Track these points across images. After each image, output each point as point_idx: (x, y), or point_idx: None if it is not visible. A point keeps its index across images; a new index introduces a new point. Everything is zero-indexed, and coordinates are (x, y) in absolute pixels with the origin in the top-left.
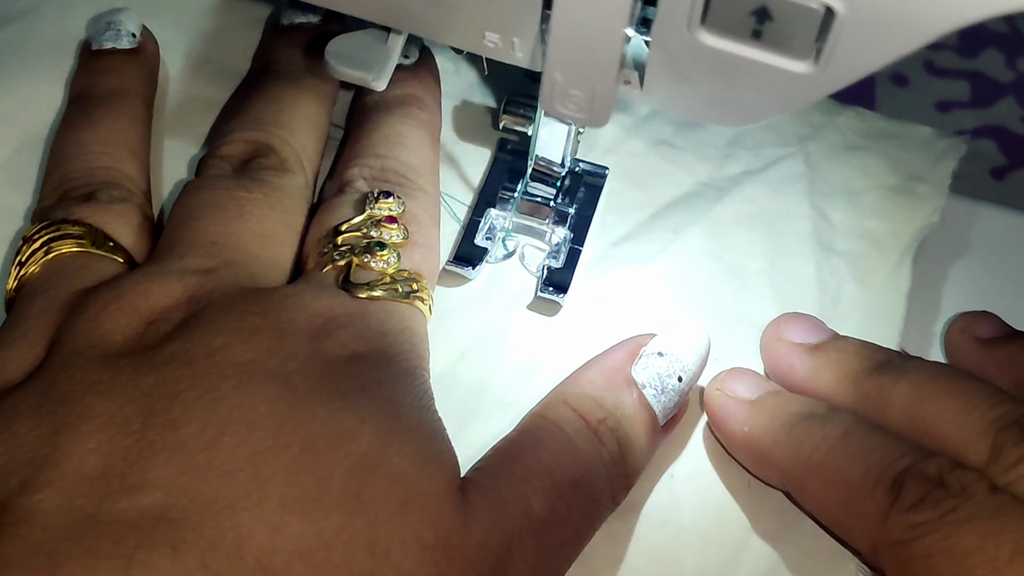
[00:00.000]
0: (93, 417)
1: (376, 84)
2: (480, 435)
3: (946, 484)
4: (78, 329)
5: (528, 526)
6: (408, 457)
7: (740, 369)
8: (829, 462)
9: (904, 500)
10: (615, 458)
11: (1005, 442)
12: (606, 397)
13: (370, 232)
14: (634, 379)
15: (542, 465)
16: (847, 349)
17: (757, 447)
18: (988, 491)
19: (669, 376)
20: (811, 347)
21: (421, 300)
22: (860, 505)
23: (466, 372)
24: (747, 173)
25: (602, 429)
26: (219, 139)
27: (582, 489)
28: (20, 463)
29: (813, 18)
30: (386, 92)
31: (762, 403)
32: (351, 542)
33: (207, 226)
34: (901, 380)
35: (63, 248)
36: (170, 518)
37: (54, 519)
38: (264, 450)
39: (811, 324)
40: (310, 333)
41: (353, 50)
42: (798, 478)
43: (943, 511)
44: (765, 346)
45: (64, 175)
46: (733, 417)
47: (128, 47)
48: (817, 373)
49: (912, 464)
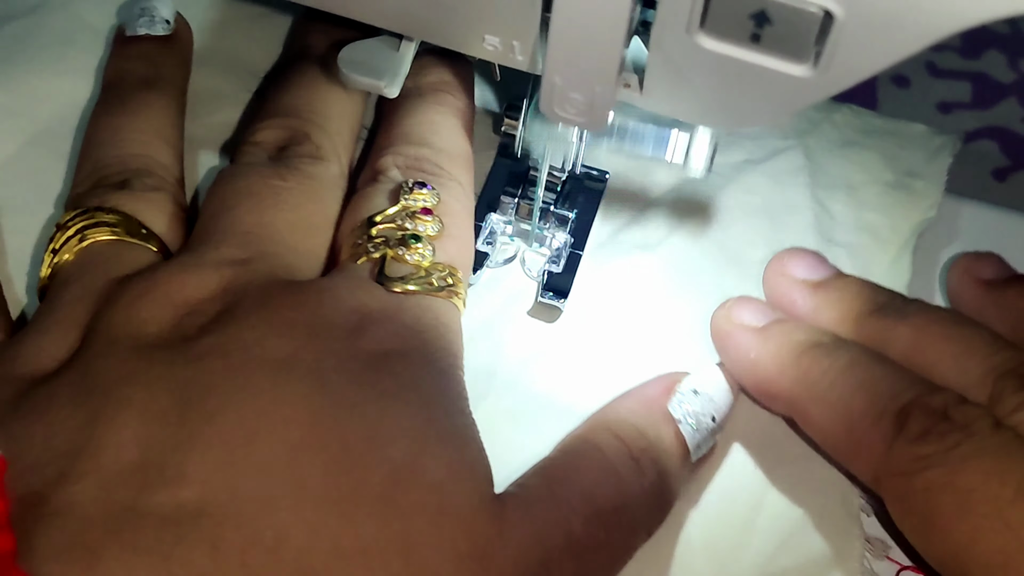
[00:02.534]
0: (129, 407)
1: (388, 91)
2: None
3: (951, 418)
4: (113, 319)
5: (567, 548)
6: (443, 467)
7: (747, 297)
8: (834, 391)
9: (909, 432)
10: (655, 488)
11: (1004, 389)
12: (647, 428)
13: (405, 224)
14: (671, 414)
15: (583, 489)
16: (849, 288)
17: (763, 374)
18: (993, 428)
19: (704, 415)
20: (814, 284)
21: (456, 294)
22: (864, 435)
23: (480, 335)
24: (749, 162)
25: (644, 459)
26: (254, 125)
27: (622, 516)
28: (56, 453)
29: (812, 21)
30: (419, 79)
31: (768, 331)
32: (388, 547)
33: (242, 215)
34: (901, 323)
35: (98, 236)
36: (209, 513)
37: (91, 511)
38: (301, 447)
39: (815, 260)
40: (346, 329)
41: (365, 57)
42: (803, 406)
43: (948, 445)
44: (768, 280)
45: (98, 162)
46: (739, 344)
47: (162, 33)
48: (818, 311)
49: (918, 396)
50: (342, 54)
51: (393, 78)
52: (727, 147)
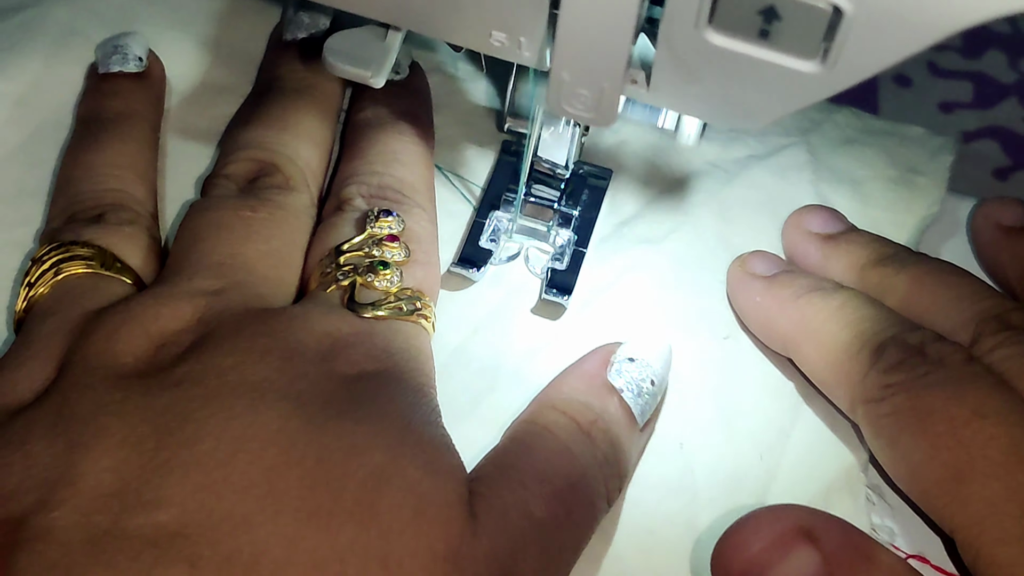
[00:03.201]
0: (107, 436)
1: (374, 81)
2: (494, 410)
3: (925, 353)
4: (89, 350)
5: (531, 531)
6: (420, 469)
7: (762, 251)
8: (825, 328)
9: (883, 363)
10: (609, 459)
11: (983, 331)
12: (592, 401)
13: (372, 251)
14: (612, 384)
15: (538, 470)
16: (858, 241)
17: (766, 315)
18: (962, 361)
19: (643, 380)
20: (826, 236)
21: (425, 318)
22: (845, 366)
23: (478, 347)
24: (753, 158)
25: (594, 430)
26: (224, 158)
27: (579, 492)
28: (36, 481)
29: (821, 18)
30: (379, 109)
31: (776, 278)
32: (364, 554)
33: (214, 247)
34: (901, 272)
35: (73, 269)
36: (186, 534)
37: (71, 535)
38: (278, 465)
39: (830, 215)
40: (319, 353)
41: (352, 47)
42: (797, 343)
43: (916, 375)
44: (786, 233)
45: (73, 197)
46: (748, 288)
47: (135, 71)
48: (828, 262)
49: (897, 333)
50: (328, 43)
51: (379, 68)
52: (731, 143)
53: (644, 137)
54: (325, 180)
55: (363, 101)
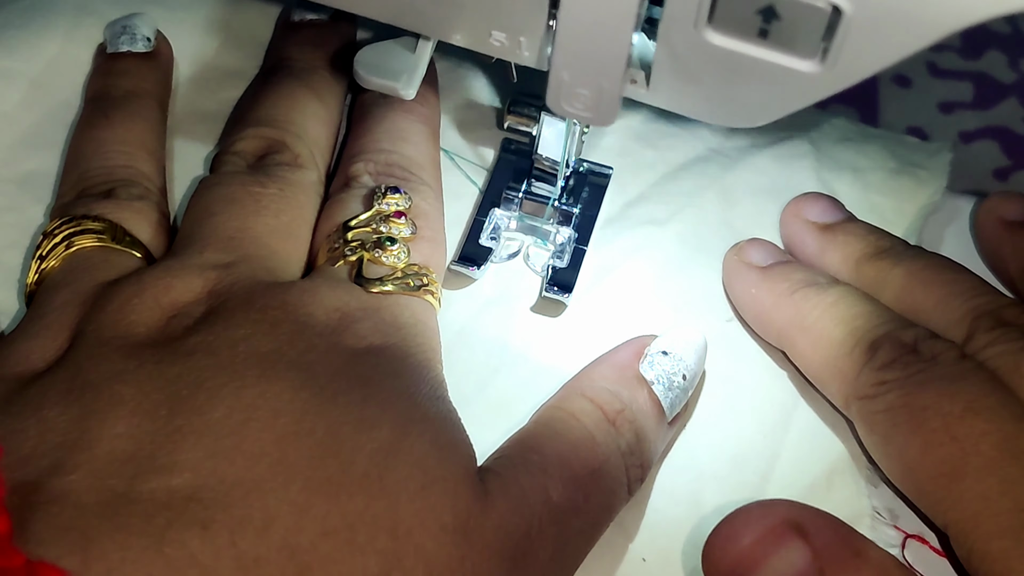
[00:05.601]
0: (121, 403)
1: (405, 93)
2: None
3: (918, 350)
4: (102, 321)
5: (547, 514)
6: (427, 444)
7: (758, 240)
8: (819, 324)
9: (877, 360)
10: (632, 449)
11: (978, 328)
12: (621, 391)
13: (379, 227)
14: (643, 376)
15: (560, 455)
16: (855, 232)
17: (760, 307)
18: (955, 359)
19: (675, 374)
20: (823, 226)
21: (431, 293)
22: (839, 363)
23: (484, 329)
24: (755, 146)
25: (620, 420)
26: (233, 136)
27: (600, 479)
28: (50, 446)
29: (820, 17)
30: None
31: (771, 270)
32: (374, 523)
33: (225, 221)
34: (897, 267)
35: (84, 242)
36: (199, 498)
37: (85, 498)
38: (289, 435)
39: (828, 204)
40: (328, 326)
41: (382, 59)
42: (791, 337)
43: (910, 372)
44: (784, 221)
45: (83, 173)
46: (744, 280)
47: (143, 51)
48: (824, 252)
49: (891, 330)
50: (359, 56)
51: (409, 79)
52: (733, 133)
53: (646, 121)
54: (332, 157)
55: None
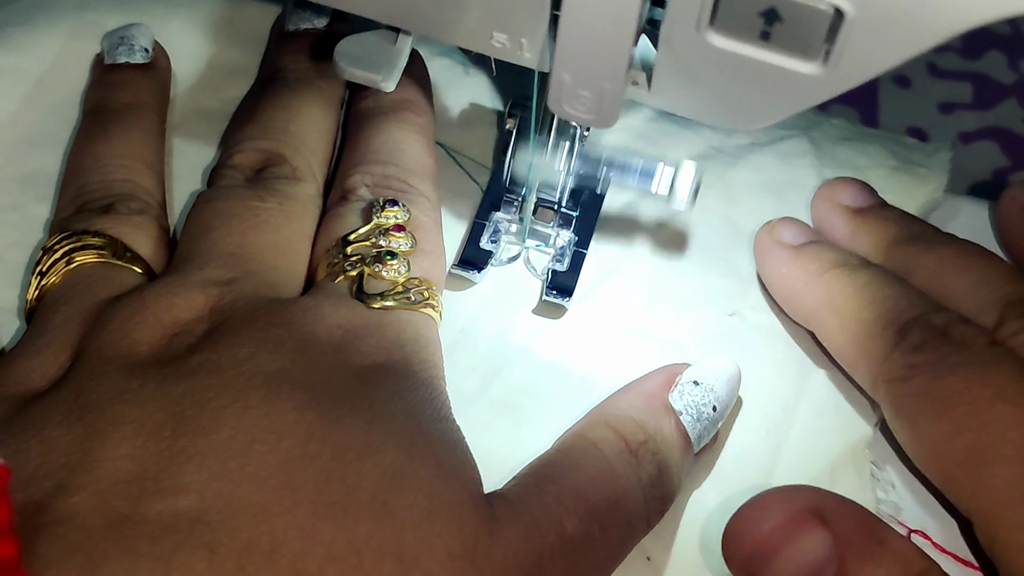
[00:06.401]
0: (124, 424)
1: (385, 85)
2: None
3: (948, 335)
4: (103, 340)
5: (560, 546)
6: (431, 469)
7: (791, 219)
8: (849, 305)
9: (907, 343)
10: (654, 481)
11: (1008, 315)
12: (647, 421)
13: (379, 241)
14: (672, 406)
15: (577, 486)
16: (887, 217)
17: (791, 287)
18: (985, 344)
19: (704, 405)
20: (855, 210)
21: (432, 307)
22: (868, 344)
23: (486, 328)
24: (756, 145)
25: (643, 452)
26: (230, 148)
27: (617, 512)
28: (54, 467)
29: (822, 19)
30: (380, 97)
31: (803, 250)
32: (380, 549)
33: (224, 236)
34: (928, 252)
35: (84, 258)
36: (205, 521)
37: (91, 520)
38: (294, 458)
39: (861, 189)
40: (332, 344)
41: (362, 51)
42: (821, 318)
43: (939, 356)
44: (816, 204)
45: (82, 187)
46: (776, 259)
47: (141, 62)
48: (855, 236)
49: (922, 314)
50: (339, 47)
51: (390, 72)
52: (735, 131)
53: (648, 120)
54: (329, 169)
55: (365, 90)
